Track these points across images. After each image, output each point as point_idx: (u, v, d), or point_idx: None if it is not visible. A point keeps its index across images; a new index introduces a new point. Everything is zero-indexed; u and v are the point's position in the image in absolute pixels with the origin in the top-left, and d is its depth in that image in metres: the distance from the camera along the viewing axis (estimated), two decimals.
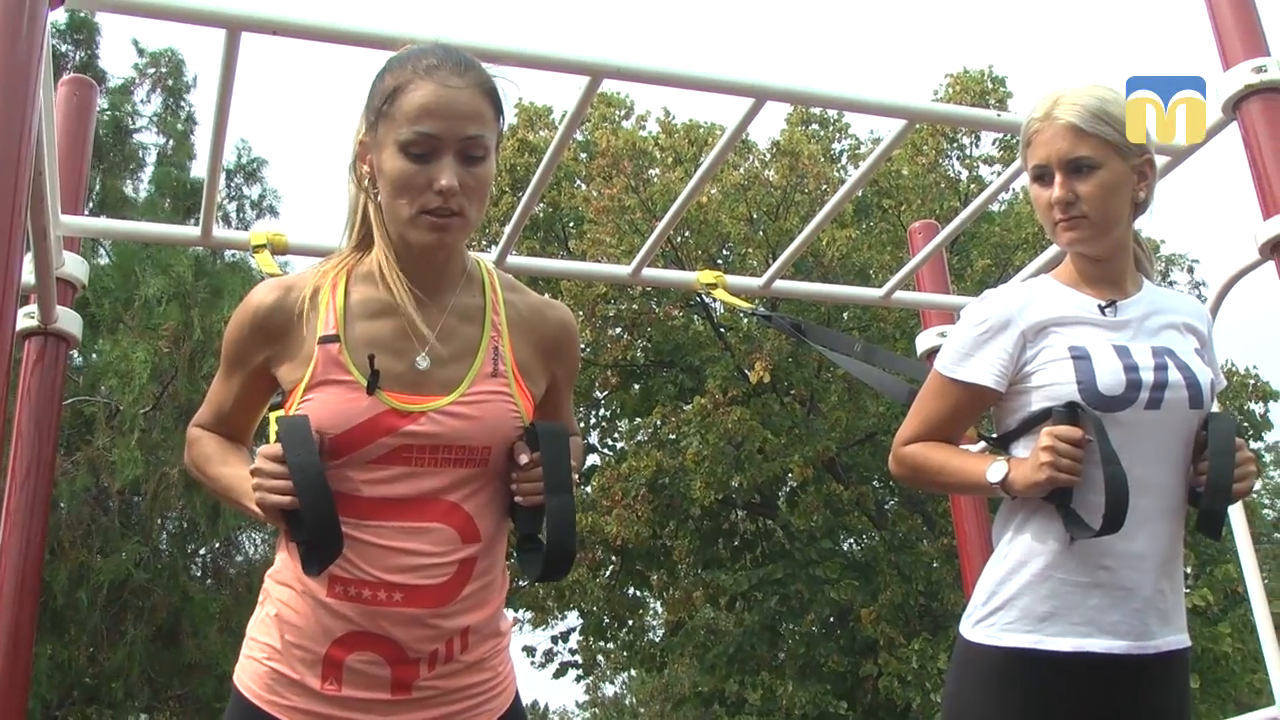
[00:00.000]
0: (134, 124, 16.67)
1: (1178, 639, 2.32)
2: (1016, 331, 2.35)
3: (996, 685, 2.28)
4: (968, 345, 2.38)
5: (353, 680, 1.95)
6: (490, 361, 2.02)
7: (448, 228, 1.95)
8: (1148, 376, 2.27)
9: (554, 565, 1.99)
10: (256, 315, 2.03)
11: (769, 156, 19.10)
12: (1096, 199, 2.35)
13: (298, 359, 1.99)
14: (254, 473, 1.89)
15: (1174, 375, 2.30)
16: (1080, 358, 2.29)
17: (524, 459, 1.98)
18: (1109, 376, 2.26)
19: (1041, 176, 2.41)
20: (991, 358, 2.35)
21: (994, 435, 2.45)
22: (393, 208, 1.96)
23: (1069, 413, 2.19)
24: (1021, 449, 2.34)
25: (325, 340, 1.96)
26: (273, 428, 1.91)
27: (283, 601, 2.00)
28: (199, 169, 16.73)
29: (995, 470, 2.21)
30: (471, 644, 2.01)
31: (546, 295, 2.29)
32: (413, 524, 1.94)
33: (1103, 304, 2.39)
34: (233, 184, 16.97)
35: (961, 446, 2.45)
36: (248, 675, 2.02)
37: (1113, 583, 2.26)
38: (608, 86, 17.20)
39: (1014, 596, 2.30)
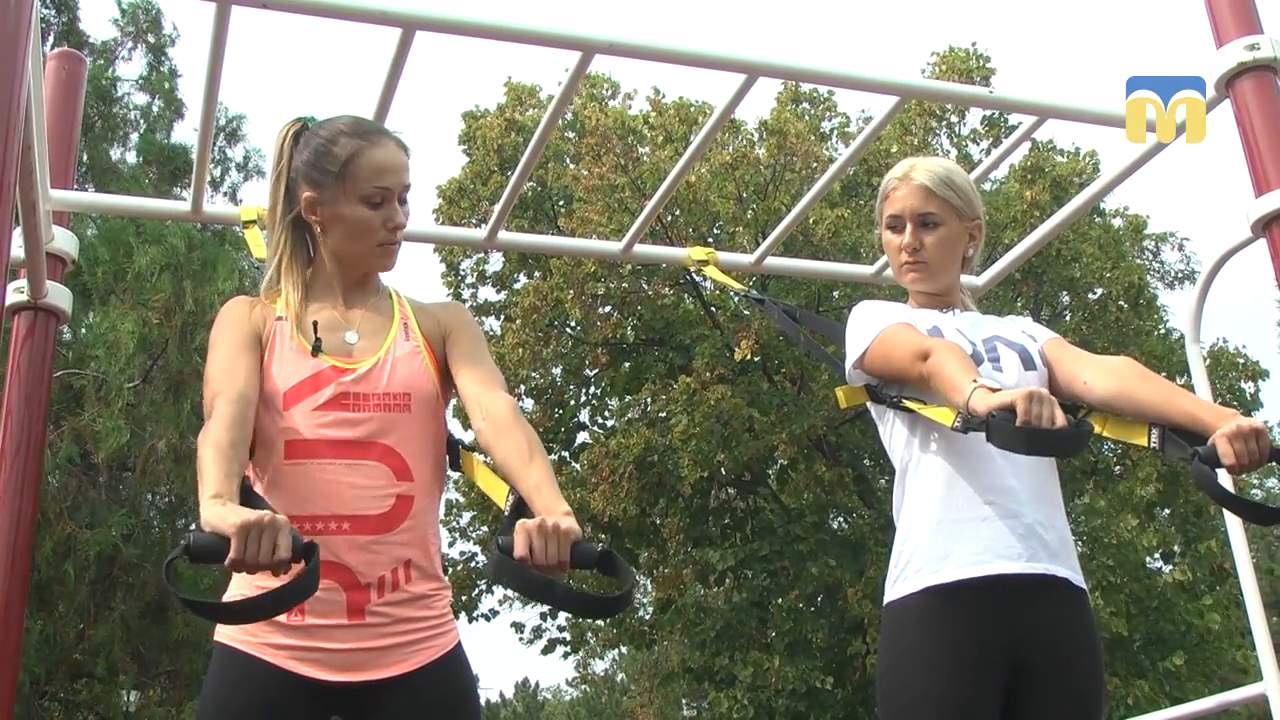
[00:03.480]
0: (119, 91, 16.50)
1: (1068, 575, 2.60)
2: (894, 310, 2.84)
3: (909, 625, 2.56)
4: (870, 318, 2.82)
5: (314, 609, 2.26)
6: (403, 331, 2.55)
7: (395, 253, 2.59)
8: (984, 350, 2.77)
9: (597, 613, 2.59)
10: (237, 305, 2.56)
11: (757, 137, 19.06)
12: (937, 249, 2.86)
13: (262, 336, 2.48)
14: (255, 526, 1.96)
15: (1003, 348, 2.78)
16: (936, 332, 2.75)
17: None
18: (959, 345, 2.69)
19: (895, 225, 2.90)
20: (893, 313, 2.81)
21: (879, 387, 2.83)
22: (353, 245, 2.54)
23: (1073, 416, 2.39)
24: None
25: (280, 319, 2.49)
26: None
27: None
28: (185, 129, 16.56)
29: (988, 377, 2.50)
30: (414, 578, 2.38)
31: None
32: (355, 461, 2.36)
33: (941, 309, 2.90)
34: (215, 147, 16.72)
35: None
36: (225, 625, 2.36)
37: (997, 515, 2.56)
38: (595, 66, 17.17)
39: (915, 550, 2.60)
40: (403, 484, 2.39)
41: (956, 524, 2.56)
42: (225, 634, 2.36)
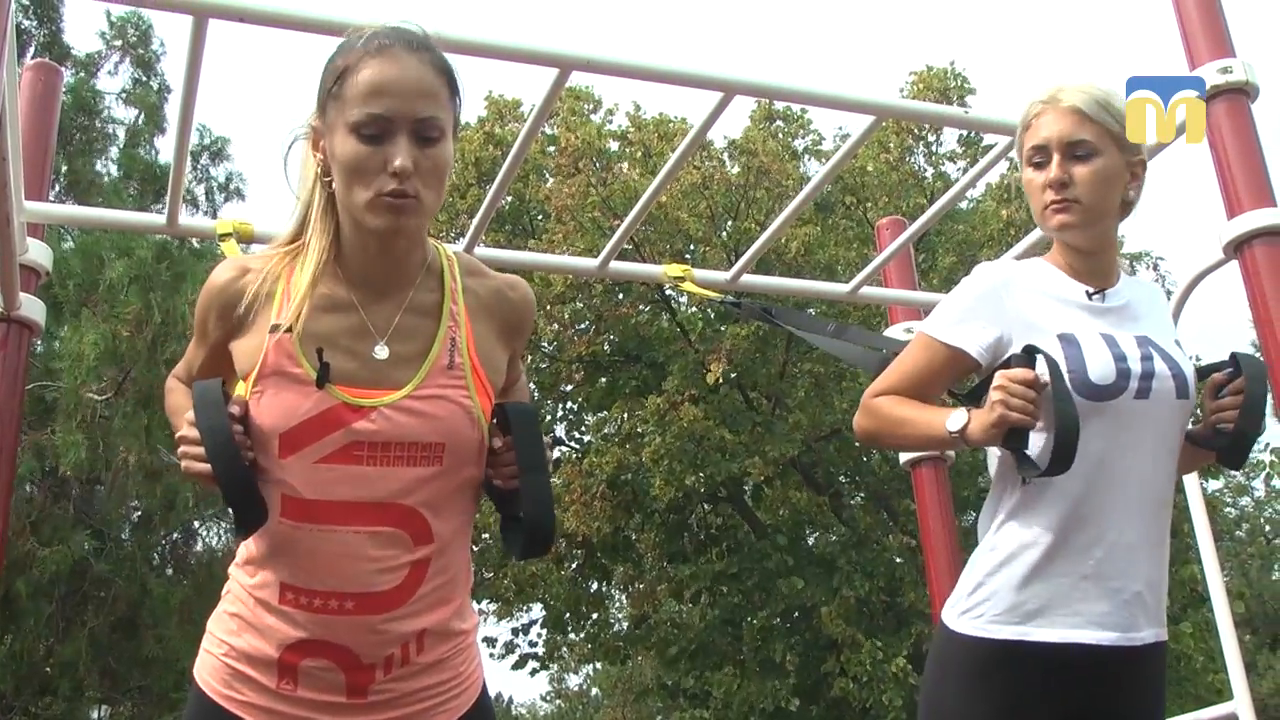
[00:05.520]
0: (101, 105, 16.40)
1: (1158, 632, 2.31)
2: (1006, 308, 2.34)
3: (980, 676, 2.26)
4: (958, 313, 2.38)
5: (308, 683, 1.91)
6: (446, 354, 1.94)
7: (404, 210, 1.86)
8: (1135, 366, 2.27)
9: (534, 543, 1.96)
10: (211, 294, 1.98)
11: (727, 156, 19.10)
12: (1090, 184, 2.35)
13: (250, 345, 1.92)
14: (179, 440, 1.87)
15: (1160, 365, 2.30)
16: (1070, 344, 2.28)
17: (498, 443, 1.95)
18: (1100, 366, 2.25)
19: (1039, 160, 2.40)
20: (979, 329, 2.34)
21: (963, 392, 2.43)
22: (348, 194, 1.88)
23: (1025, 357, 2.17)
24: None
25: (275, 329, 1.89)
26: None
27: (241, 600, 1.98)
28: (166, 144, 16.49)
29: (955, 419, 2.19)
30: (428, 645, 1.95)
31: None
32: (365, 528, 1.88)
33: (1090, 290, 2.38)
34: (199, 166, 16.58)
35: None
36: (206, 670, 1.98)
37: (1103, 574, 2.24)
38: (576, 80, 17.18)
39: (1002, 588, 2.28)
40: (420, 549, 1.92)
41: (1055, 577, 2.24)
42: (202, 678, 1.99)
